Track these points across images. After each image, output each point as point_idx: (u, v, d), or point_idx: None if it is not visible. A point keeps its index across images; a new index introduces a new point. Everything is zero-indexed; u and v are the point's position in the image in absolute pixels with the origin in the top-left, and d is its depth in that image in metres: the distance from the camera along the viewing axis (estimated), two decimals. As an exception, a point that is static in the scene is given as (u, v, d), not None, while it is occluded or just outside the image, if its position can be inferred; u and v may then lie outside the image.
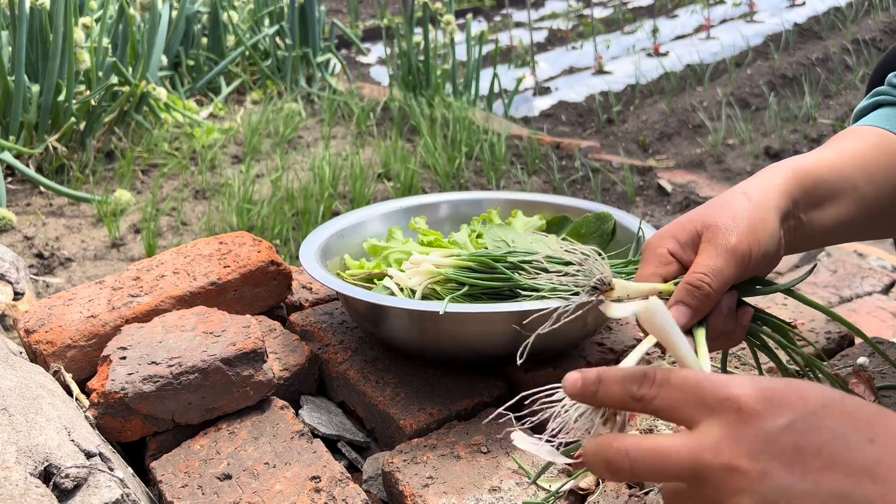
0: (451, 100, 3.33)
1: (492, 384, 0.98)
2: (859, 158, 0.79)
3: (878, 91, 0.88)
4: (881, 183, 0.79)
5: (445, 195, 1.30)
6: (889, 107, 0.86)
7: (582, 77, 4.90)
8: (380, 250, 1.14)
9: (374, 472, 0.90)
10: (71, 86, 2.38)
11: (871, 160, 0.79)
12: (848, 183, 0.77)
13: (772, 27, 5.25)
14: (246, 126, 2.92)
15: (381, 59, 6.06)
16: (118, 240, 2.06)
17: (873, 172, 0.79)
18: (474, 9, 7.75)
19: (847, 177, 0.78)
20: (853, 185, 0.77)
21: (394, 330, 0.99)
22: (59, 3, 2.27)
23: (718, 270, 0.68)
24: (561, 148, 2.94)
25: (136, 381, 0.89)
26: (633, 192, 2.60)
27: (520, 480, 0.80)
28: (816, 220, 0.76)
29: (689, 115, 4.05)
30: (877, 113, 0.85)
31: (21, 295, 1.30)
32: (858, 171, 0.78)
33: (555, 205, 1.24)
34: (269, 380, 0.95)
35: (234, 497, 0.81)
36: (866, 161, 0.79)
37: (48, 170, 2.38)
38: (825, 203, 0.77)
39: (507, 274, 0.94)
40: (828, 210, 0.77)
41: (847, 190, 0.77)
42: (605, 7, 7.33)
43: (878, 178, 0.79)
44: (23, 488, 0.66)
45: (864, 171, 0.78)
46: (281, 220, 2.11)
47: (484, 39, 3.65)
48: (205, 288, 1.10)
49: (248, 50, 3.51)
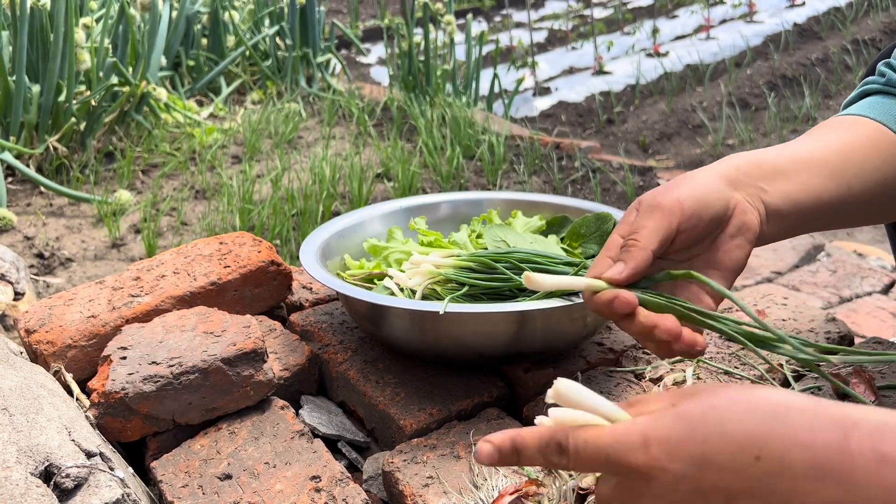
0: (452, 100, 3.33)
1: (492, 384, 0.98)
2: (834, 143, 0.79)
3: (865, 81, 0.88)
4: (861, 164, 0.78)
5: (445, 195, 1.30)
6: (876, 95, 0.85)
7: (582, 77, 4.90)
8: (380, 250, 1.14)
9: (374, 472, 0.91)
10: (71, 86, 2.38)
11: (846, 142, 0.79)
12: (815, 159, 0.77)
13: (772, 27, 5.25)
14: (246, 126, 2.92)
15: (381, 59, 6.06)
16: (118, 240, 2.06)
17: (846, 152, 0.79)
18: (474, 9, 7.75)
19: (813, 153, 0.78)
20: (823, 161, 0.77)
21: (394, 330, 0.99)
22: (59, 4, 2.27)
23: (642, 224, 0.72)
24: (561, 148, 2.94)
25: (137, 381, 0.89)
26: (633, 193, 2.60)
27: (520, 480, 0.80)
28: (788, 190, 0.75)
29: (689, 115, 4.05)
30: (861, 103, 0.86)
31: (21, 295, 1.31)
32: (831, 152, 0.78)
33: (555, 205, 1.24)
34: (270, 380, 0.95)
35: (235, 497, 0.81)
36: (842, 143, 0.79)
37: (48, 170, 2.38)
38: (787, 174, 0.76)
39: (507, 274, 0.94)
40: (794, 180, 0.76)
41: (815, 165, 0.77)
42: (605, 7, 7.33)
43: (854, 156, 0.79)
44: (23, 488, 0.66)
45: (838, 152, 0.79)
46: (281, 220, 2.11)
47: (484, 40, 3.65)
48: (205, 288, 1.10)
49: (249, 50, 3.51)
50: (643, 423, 0.53)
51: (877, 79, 0.87)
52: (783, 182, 0.76)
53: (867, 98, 0.86)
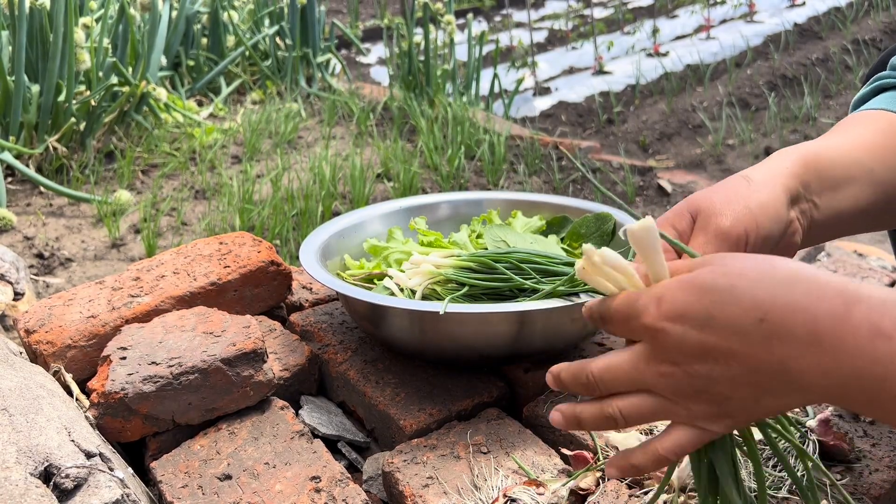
0: (452, 100, 3.33)
1: (492, 384, 0.97)
2: (869, 142, 0.77)
3: (878, 76, 0.86)
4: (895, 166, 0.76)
5: (445, 195, 1.30)
6: (893, 90, 0.83)
7: (582, 77, 4.89)
8: (380, 250, 1.14)
9: (374, 472, 0.90)
10: (71, 86, 2.38)
11: (880, 144, 0.77)
12: (861, 166, 0.75)
13: (772, 27, 5.25)
14: (246, 126, 2.92)
15: (381, 59, 6.06)
16: (118, 240, 2.06)
17: (886, 155, 0.76)
18: (474, 9, 7.75)
19: (859, 160, 0.75)
20: (867, 168, 0.75)
21: (394, 330, 0.99)
22: (59, 4, 2.27)
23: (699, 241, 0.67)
24: (561, 148, 2.93)
25: (136, 381, 0.89)
26: (633, 193, 2.60)
27: (520, 480, 0.80)
28: (834, 204, 0.73)
29: (689, 115, 4.05)
30: (882, 96, 0.83)
31: (21, 295, 1.30)
32: (870, 154, 0.76)
33: (555, 205, 1.24)
34: (269, 380, 0.95)
35: (235, 497, 0.81)
36: (876, 144, 0.77)
37: (48, 170, 2.38)
38: (840, 186, 0.74)
39: (507, 274, 0.94)
40: (844, 192, 0.74)
41: (861, 173, 0.75)
42: (605, 7, 7.33)
43: (891, 160, 0.76)
44: (23, 488, 0.66)
45: (875, 154, 0.76)
46: (281, 220, 2.11)
47: (484, 40, 3.64)
48: (205, 288, 1.10)
49: (249, 50, 3.51)
50: (660, 287, 0.57)
51: (892, 73, 0.85)
52: (835, 196, 0.73)
53: (886, 93, 0.83)
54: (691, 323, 0.54)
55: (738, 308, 0.52)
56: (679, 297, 0.55)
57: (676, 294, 0.55)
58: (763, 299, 0.52)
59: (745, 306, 0.52)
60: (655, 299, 0.56)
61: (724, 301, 0.53)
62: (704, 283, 0.54)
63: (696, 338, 0.53)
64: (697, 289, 0.54)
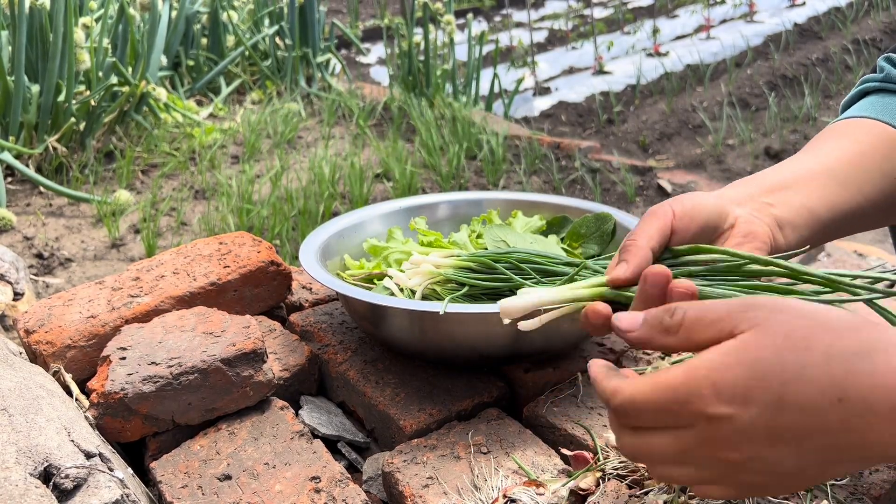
0: (452, 100, 3.33)
1: (492, 384, 0.97)
2: (838, 152, 0.80)
3: (864, 79, 0.87)
4: (871, 168, 0.79)
5: (445, 195, 1.30)
6: (875, 94, 0.85)
7: (582, 77, 4.90)
8: (380, 250, 1.14)
9: (374, 472, 0.90)
10: (71, 86, 2.38)
11: (852, 150, 0.80)
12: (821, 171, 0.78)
13: (772, 27, 5.25)
14: (245, 126, 2.92)
15: (381, 59, 6.06)
16: (118, 240, 2.06)
17: (856, 161, 0.79)
18: (474, 9, 7.75)
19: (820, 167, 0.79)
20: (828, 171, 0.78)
21: (394, 330, 0.99)
22: (59, 4, 2.27)
23: (639, 228, 0.73)
24: (561, 148, 2.93)
25: (136, 381, 0.89)
26: (633, 193, 2.60)
27: (520, 480, 0.80)
28: (793, 203, 0.76)
29: (689, 115, 4.05)
30: (861, 103, 0.85)
31: (21, 295, 1.30)
32: (837, 162, 0.79)
33: (555, 205, 1.24)
34: (269, 380, 0.95)
35: (234, 497, 0.81)
36: (845, 152, 0.80)
37: (48, 170, 2.38)
38: (794, 188, 0.77)
39: (506, 274, 0.94)
40: (802, 192, 0.77)
41: (822, 175, 0.78)
42: (605, 7, 7.33)
43: (865, 163, 0.79)
44: (22, 488, 0.66)
45: (844, 161, 0.79)
46: (281, 220, 2.11)
47: (484, 40, 3.64)
48: (205, 288, 1.10)
49: (248, 50, 3.51)
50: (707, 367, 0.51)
51: (874, 76, 0.86)
52: (790, 194, 0.77)
53: (866, 98, 0.86)
54: (760, 407, 0.49)
55: (815, 389, 0.49)
56: (741, 380, 0.50)
57: (736, 373, 0.50)
58: (841, 378, 0.48)
59: (822, 387, 0.49)
60: (710, 384, 0.51)
61: (797, 381, 0.49)
62: (768, 363, 0.50)
63: (766, 423, 0.50)
64: (761, 370, 0.50)
